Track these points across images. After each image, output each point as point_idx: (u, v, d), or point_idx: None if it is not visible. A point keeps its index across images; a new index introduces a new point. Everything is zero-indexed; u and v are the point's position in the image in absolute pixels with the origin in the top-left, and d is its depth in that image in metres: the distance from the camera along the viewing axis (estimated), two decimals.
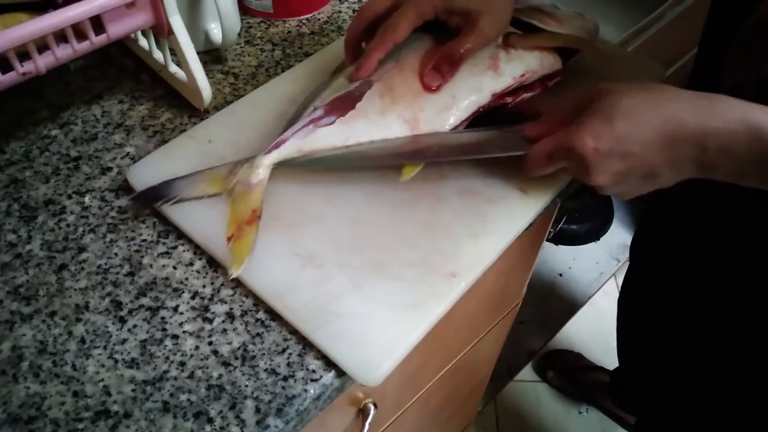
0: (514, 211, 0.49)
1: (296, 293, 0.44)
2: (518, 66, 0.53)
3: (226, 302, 0.45)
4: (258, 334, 0.43)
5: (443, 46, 0.51)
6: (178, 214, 0.48)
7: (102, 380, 0.41)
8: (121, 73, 0.62)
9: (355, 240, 0.47)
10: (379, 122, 0.50)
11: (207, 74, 0.56)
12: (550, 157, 0.45)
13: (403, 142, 0.50)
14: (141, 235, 0.49)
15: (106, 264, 0.47)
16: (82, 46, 0.49)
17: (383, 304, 0.43)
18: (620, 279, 1.58)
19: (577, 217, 1.60)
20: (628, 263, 1.58)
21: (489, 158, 0.50)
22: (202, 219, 0.48)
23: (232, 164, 0.50)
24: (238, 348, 0.42)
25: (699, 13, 0.82)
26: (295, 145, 0.49)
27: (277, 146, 0.49)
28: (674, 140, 0.41)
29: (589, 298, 1.53)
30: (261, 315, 0.44)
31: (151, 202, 0.49)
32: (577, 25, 0.57)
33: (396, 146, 0.50)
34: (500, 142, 0.50)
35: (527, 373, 1.41)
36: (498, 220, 0.48)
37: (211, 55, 0.64)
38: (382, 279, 0.44)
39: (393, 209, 0.49)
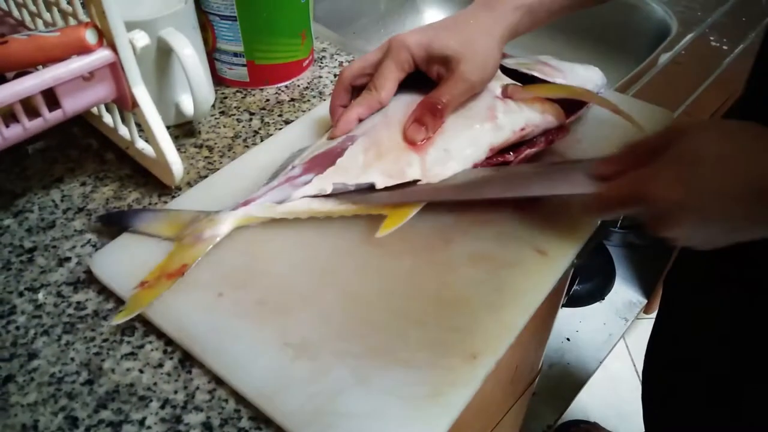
0: (534, 275, 0.43)
1: (289, 392, 0.36)
2: (518, 119, 0.48)
3: (202, 410, 0.37)
4: None
5: (425, 96, 0.47)
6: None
7: None
8: (85, 153, 0.56)
9: (354, 322, 0.40)
10: (361, 178, 0.45)
11: (179, 148, 0.51)
12: (622, 203, 0.39)
13: (424, 188, 0.45)
14: (102, 333, 0.41)
15: (60, 372, 0.39)
16: (35, 124, 0.44)
17: (394, 397, 0.36)
18: (629, 340, 1.51)
19: (578, 277, 1.54)
20: (637, 322, 1.52)
21: (503, 213, 0.44)
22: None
23: (197, 213, 0.46)
24: None
25: (693, 57, 0.80)
26: (266, 205, 0.45)
27: (245, 203, 0.45)
28: (764, 198, 0.35)
29: (601, 362, 1.45)
30: (245, 423, 0.36)
31: (112, 225, 0.48)
32: (582, 76, 0.53)
33: (419, 190, 0.45)
34: (562, 178, 0.44)
35: None
36: (517, 287, 0.42)
37: (183, 129, 0.59)
38: (390, 367, 0.37)
39: (395, 284, 0.42)
